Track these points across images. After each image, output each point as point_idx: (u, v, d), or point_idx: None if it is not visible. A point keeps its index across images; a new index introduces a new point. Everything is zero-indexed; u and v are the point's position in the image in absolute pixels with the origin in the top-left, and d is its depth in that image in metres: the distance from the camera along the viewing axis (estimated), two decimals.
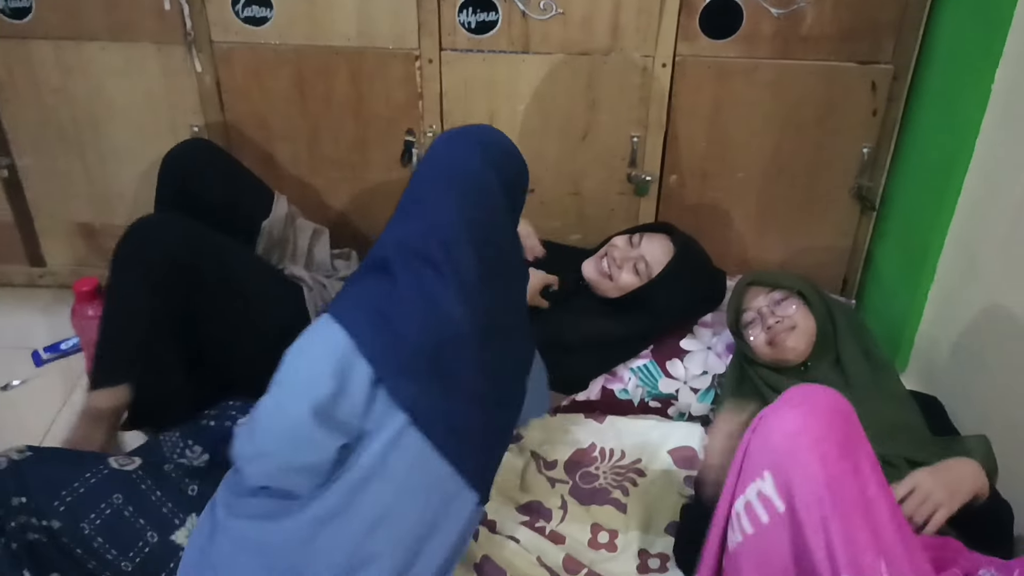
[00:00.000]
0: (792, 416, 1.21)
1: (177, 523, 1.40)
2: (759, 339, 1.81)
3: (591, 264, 2.05)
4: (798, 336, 1.76)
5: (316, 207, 2.31)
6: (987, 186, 1.85)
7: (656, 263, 1.97)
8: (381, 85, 2.14)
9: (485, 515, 1.65)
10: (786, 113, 2.15)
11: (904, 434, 1.64)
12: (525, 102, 2.15)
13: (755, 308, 1.83)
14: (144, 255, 1.64)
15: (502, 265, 1.40)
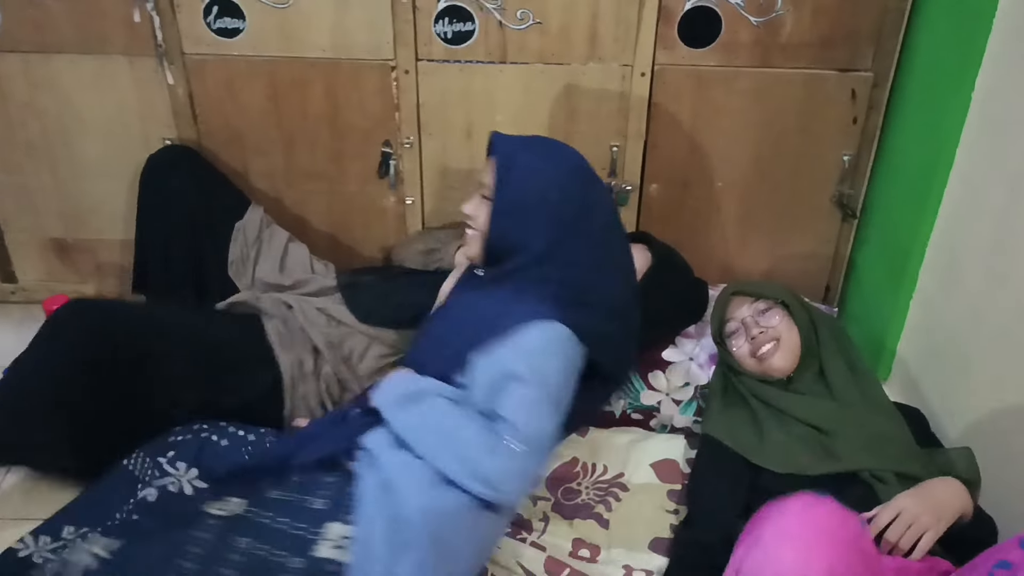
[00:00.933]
0: (790, 553, 1.13)
1: (313, 538, 1.37)
2: (742, 349, 1.79)
3: None
4: (784, 353, 1.75)
5: (292, 220, 2.28)
6: (968, 194, 1.83)
7: (636, 273, 1.95)
8: (357, 96, 2.11)
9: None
10: (766, 121, 2.14)
11: (891, 446, 1.62)
12: (503, 113, 2.13)
13: (738, 318, 1.81)
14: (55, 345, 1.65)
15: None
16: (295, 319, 1.89)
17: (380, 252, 2.33)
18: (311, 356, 1.87)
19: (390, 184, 2.22)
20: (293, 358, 1.84)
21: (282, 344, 1.85)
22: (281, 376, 1.82)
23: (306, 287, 2.02)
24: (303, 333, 1.88)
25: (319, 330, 1.88)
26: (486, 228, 1.58)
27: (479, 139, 2.16)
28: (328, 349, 1.87)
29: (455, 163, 2.20)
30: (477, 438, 1.39)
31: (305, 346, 1.87)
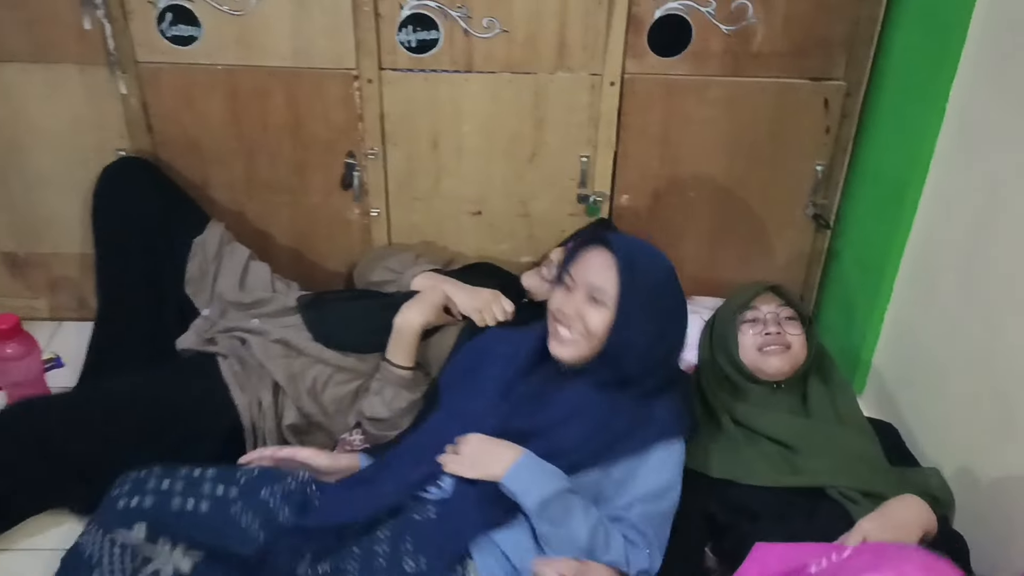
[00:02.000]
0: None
1: None
2: (751, 339, 1.74)
3: (531, 275, 1.99)
4: (786, 360, 1.71)
5: (254, 233, 2.21)
6: (943, 206, 1.80)
7: None
8: (319, 106, 2.05)
9: None
10: (738, 131, 2.10)
11: (859, 465, 1.59)
12: (470, 123, 2.07)
13: (764, 311, 1.77)
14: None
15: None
16: (252, 356, 1.83)
17: (345, 266, 2.27)
18: (270, 392, 1.80)
19: (354, 196, 2.16)
20: (251, 398, 1.78)
21: (239, 385, 1.79)
22: (239, 420, 1.77)
23: (267, 306, 1.94)
24: (261, 369, 1.81)
25: (277, 363, 1.82)
26: (602, 334, 1.47)
27: (445, 149, 2.10)
28: (289, 383, 1.81)
29: (421, 174, 2.15)
30: (617, 551, 1.41)
31: (263, 382, 1.81)
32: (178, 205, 2.03)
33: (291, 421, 1.83)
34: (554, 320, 1.52)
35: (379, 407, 1.80)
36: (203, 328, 1.91)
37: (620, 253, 1.47)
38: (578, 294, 1.49)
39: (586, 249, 1.52)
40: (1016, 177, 1.56)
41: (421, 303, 1.85)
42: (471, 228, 2.22)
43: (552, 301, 1.54)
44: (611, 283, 1.46)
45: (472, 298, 1.90)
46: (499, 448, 1.45)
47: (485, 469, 1.44)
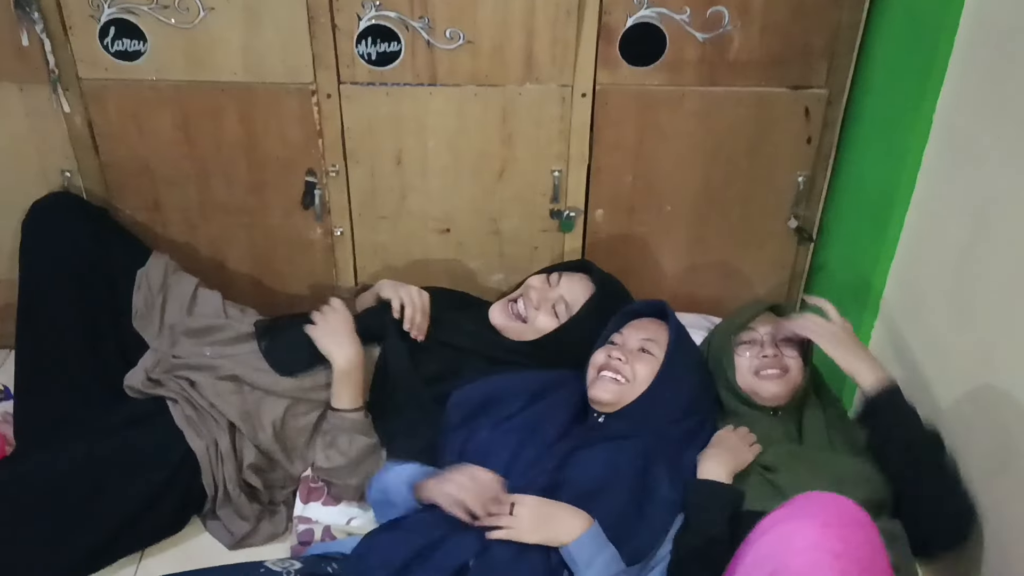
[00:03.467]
0: (810, 528, 1.14)
1: None
2: (748, 361, 1.67)
3: (499, 309, 1.86)
4: (784, 385, 1.63)
5: (211, 256, 2.11)
6: (931, 222, 1.72)
7: (576, 303, 1.81)
8: (275, 123, 1.94)
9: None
10: (715, 142, 2.01)
11: (847, 487, 1.50)
12: (435, 138, 1.97)
13: (762, 332, 1.70)
14: None
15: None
16: (202, 397, 1.72)
17: (308, 288, 2.16)
18: (226, 433, 1.70)
19: (316, 215, 2.05)
20: (207, 442, 1.69)
21: (193, 430, 1.69)
22: (198, 467, 1.68)
23: (220, 333, 1.84)
24: (213, 409, 1.72)
25: (229, 401, 1.72)
26: (646, 382, 1.61)
27: (410, 166, 2.01)
28: (244, 421, 1.71)
29: (385, 192, 2.04)
30: None
31: (219, 424, 1.71)
32: (116, 238, 1.92)
33: (251, 461, 1.74)
34: (599, 369, 1.63)
35: (335, 457, 1.69)
36: (151, 364, 1.80)
37: (671, 317, 1.69)
38: (628, 346, 1.65)
39: (636, 317, 1.73)
40: (1009, 191, 1.48)
41: (342, 333, 1.71)
42: (440, 247, 2.12)
43: (597, 356, 1.66)
44: (662, 339, 1.65)
45: (397, 288, 1.82)
46: (563, 512, 1.41)
47: (548, 534, 1.38)
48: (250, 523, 1.73)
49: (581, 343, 1.76)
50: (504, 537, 1.37)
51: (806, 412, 1.66)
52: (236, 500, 1.72)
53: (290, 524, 1.76)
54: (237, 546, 1.73)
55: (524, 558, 1.37)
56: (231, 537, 1.73)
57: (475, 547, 1.37)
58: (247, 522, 1.73)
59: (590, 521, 1.39)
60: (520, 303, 1.83)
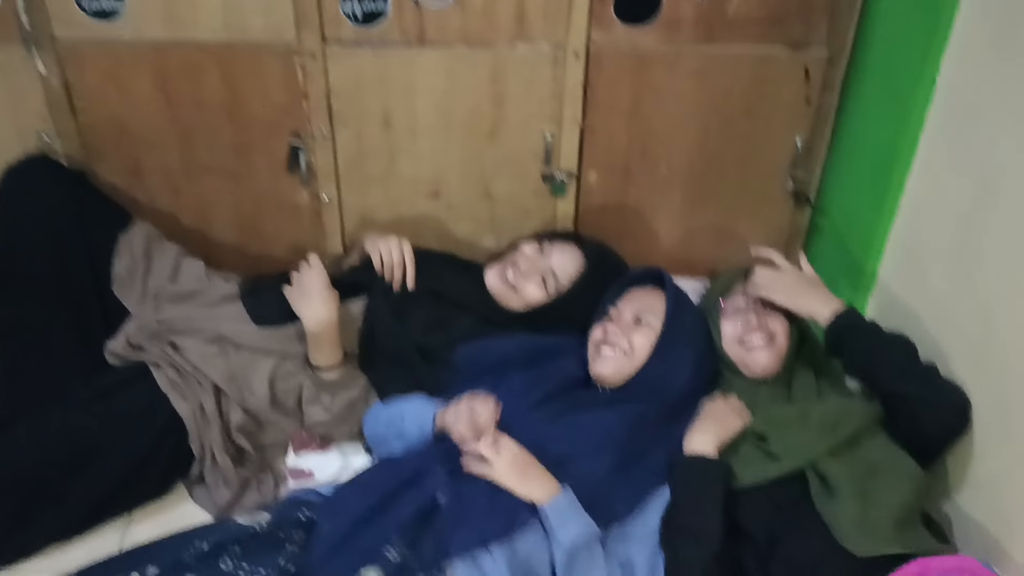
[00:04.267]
0: None
1: None
2: (731, 330, 1.64)
3: (495, 274, 1.83)
4: (771, 354, 1.60)
5: (195, 219, 2.06)
6: (932, 185, 1.68)
7: (566, 277, 1.78)
8: (258, 84, 1.88)
9: None
10: (712, 103, 1.95)
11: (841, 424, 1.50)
12: (424, 100, 1.91)
13: (743, 299, 1.67)
14: None
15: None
16: (186, 360, 1.69)
17: (295, 254, 2.09)
18: (211, 396, 1.68)
19: (302, 179, 2.00)
20: (193, 405, 1.66)
21: (179, 393, 1.67)
22: (184, 431, 1.65)
23: (206, 296, 1.81)
24: (197, 372, 1.69)
25: (214, 364, 1.69)
26: (644, 354, 1.59)
27: (399, 129, 1.95)
28: (229, 383, 1.68)
29: (373, 155, 1.99)
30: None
31: (203, 387, 1.68)
32: (96, 202, 1.86)
33: (238, 422, 1.72)
34: (598, 344, 1.62)
35: (319, 413, 1.71)
36: (134, 330, 1.76)
37: (669, 284, 1.65)
38: (624, 318, 1.63)
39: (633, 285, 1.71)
40: (1016, 155, 1.43)
41: (314, 293, 1.69)
42: (430, 211, 2.08)
43: (595, 331, 1.65)
44: (659, 308, 1.62)
45: (378, 241, 1.82)
46: (540, 470, 1.43)
47: (519, 483, 1.39)
48: (233, 489, 1.71)
49: (572, 318, 1.74)
50: (478, 470, 1.40)
51: (796, 369, 1.63)
52: (223, 464, 1.70)
53: (278, 492, 1.74)
54: (222, 514, 1.70)
55: (496, 502, 1.38)
56: (215, 506, 1.70)
57: (447, 484, 1.40)
58: (230, 488, 1.71)
59: (560, 489, 1.41)
60: (510, 272, 1.80)
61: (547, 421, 1.53)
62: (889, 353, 1.52)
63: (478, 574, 1.32)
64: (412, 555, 1.32)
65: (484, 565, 1.33)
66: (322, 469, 1.70)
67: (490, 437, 1.42)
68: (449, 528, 1.34)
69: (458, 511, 1.37)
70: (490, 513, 1.36)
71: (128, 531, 1.69)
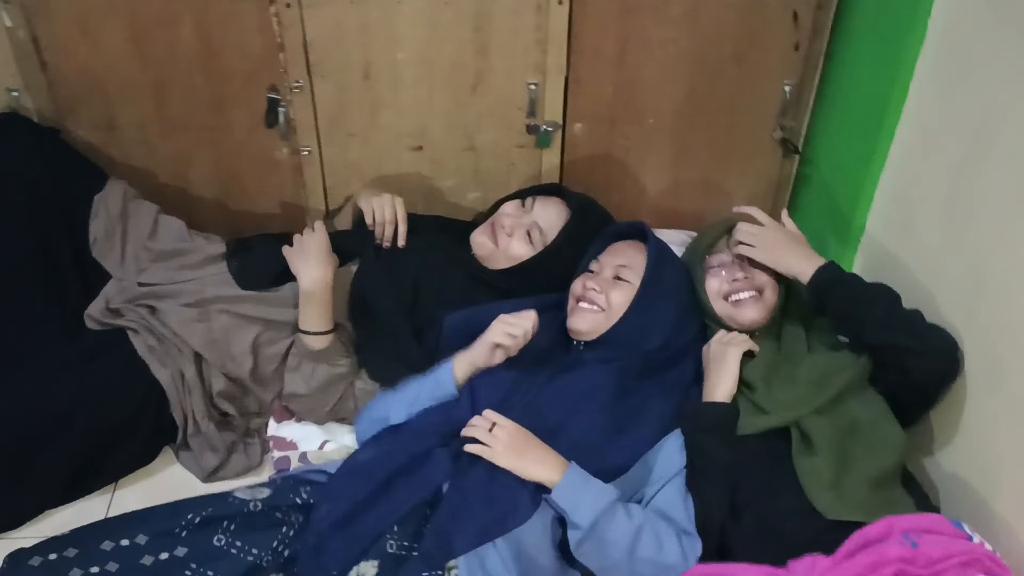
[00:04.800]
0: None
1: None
2: (716, 287, 1.62)
3: (479, 234, 1.81)
4: (759, 308, 1.58)
5: (173, 176, 2.01)
6: (923, 135, 1.65)
7: (551, 229, 1.76)
8: (234, 35, 1.83)
9: None
10: (700, 51, 1.91)
11: (833, 377, 1.50)
12: (405, 50, 1.86)
13: (727, 251, 1.65)
14: None
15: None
16: (164, 325, 1.66)
17: (276, 210, 2.08)
18: (191, 362, 1.65)
19: (281, 134, 1.95)
20: (172, 371, 1.64)
21: (157, 360, 1.64)
22: (165, 397, 1.63)
23: (189, 256, 1.78)
24: (176, 337, 1.66)
25: (193, 329, 1.66)
26: (621, 310, 1.56)
27: (379, 80, 1.90)
28: (209, 349, 1.66)
29: (354, 108, 1.94)
30: (672, 549, 1.35)
31: (183, 353, 1.66)
32: (70, 161, 1.82)
33: (221, 388, 1.70)
34: (577, 299, 1.60)
35: (298, 383, 1.67)
36: (113, 293, 1.73)
37: (650, 238, 1.60)
38: (604, 274, 1.60)
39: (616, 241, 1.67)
40: (1010, 104, 1.40)
41: (314, 254, 1.66)
42: (413, 164, 2.03)
43: (576, 286, 1.62)
44: (640, 263, 1.58)
45: (371, 198, 1.78)
46: (539, 449, 1.38)
47: (520, 463, 1.35)
48: (219, 455, 1.69)
49: (559, 271, 1.71)
50: (478, 452, 1.36)
51: (785, 323, 1.61)
52: (206, 431, 1.68)
53: (265, 456, 1.73)
54: (209, 479, 1.70)
55: (498, 492, 1.35)
56: (201, 470, 1.69)
57: (450, 471, 1.37)
58: (216, 454, 1.69)
59: (566, 464, 1.37)
60: (495, 230, 1.77)
61: (536, 390, 1.51)
62: (873, 304, 1.50)
63: (480, 568, 1.30)
64: (412, 548, 1.30)
65: (487, 559, 1.30)
66: (305, 440, 1.68)
67: (485, 421, 1.39)
68: (451, 522, 1.31)
69: (460, 502, 1.33)
70: (492, 504, 1.32)
71: (116, 497, 1.68)
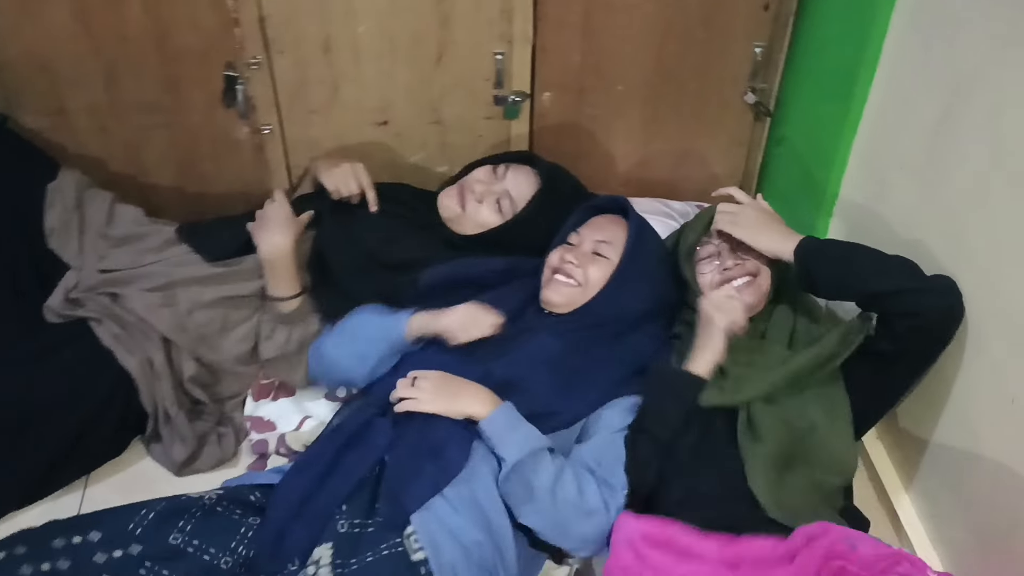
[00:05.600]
0: None
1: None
2: (710, 277, 1.58)
3: (447, 196, 1.77)
4: (755, 292, 1.55)
5: (128, 161, 1.94)
6: (898, 99, 1.63)
7: (521, 199, 1.72)
8: (184, 11, 1.75)
9: None
10: (668, 14, 1.87)
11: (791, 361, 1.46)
12: (365, 22, 1.80)
13: (716, 242, 1.61)
14: None
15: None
16: (129, 312, 1.60)
17: (239, 189, 2.01)
18: (160, 349, 1.60)
19: (240, 112, 1.88)
20: (141, 358, 1.59)
21: (124, 348, 1.59)
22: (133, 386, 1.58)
23: (149, 240, 1.72)
24: (143, 323, 1.61)
25: (160, 315, 1.61)
26: (598, 286, 1.53)
27: (340, 54, 1.84)
28: (177, 333, 1.60)
29: (315, 83, 1.88)
30: (592, 497, 1.34)
31: (150, 339, 1.61)
32: (19, 150, 1.75)
33: (191, 374, 1.66)
34: (553, 271, 1.56)
35: (274, 349, 1.64)
36: (72, 283, 1.67)
37: (632, 215, 1.58)
38: (583, 248, 1.56)
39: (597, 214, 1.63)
40: (985, 61, 1.38)
41: (275, 222, 1.63)
42: (378, 140, 1.98)
43: (552, 257, 1.58)
44: (620, 240, 1.55)
45: (332, 170, 1.75)
46: (467, 386, 1.40)
47: (450, 403, 1.36)
48: (189, 445, 1.65)
49: (525, 241, 1.69)
50: (408, 408, 1.37)
51: (777, 307, 1.59)
52: (175, 419, 1.63)
53: (239, 448, 1.69)
54: (182, 472, 1.65)
55: (436, 441, 1.35)
56: (172, 463, 1.65)
57: (391, 436, 1.38)
58: (186, 444, 1.65)
59: (499, 401, 1.39)
60: (464, 195, 1.74)
61: (493, 352, 1.50)
62: (861, 259, 1.46)
63: (436, 522, 1.28)
64: (367, 522, 1.28)
65: (440, 512, 1.29)
66: (283, 419, 1.65)
67: (407, 379, 1.40)
68: (398, 483, 1.31)
69: (403, 462, 1.33)
70: (432, 456, 1.33)
71: (87, 495, 1.63)
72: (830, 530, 1.18)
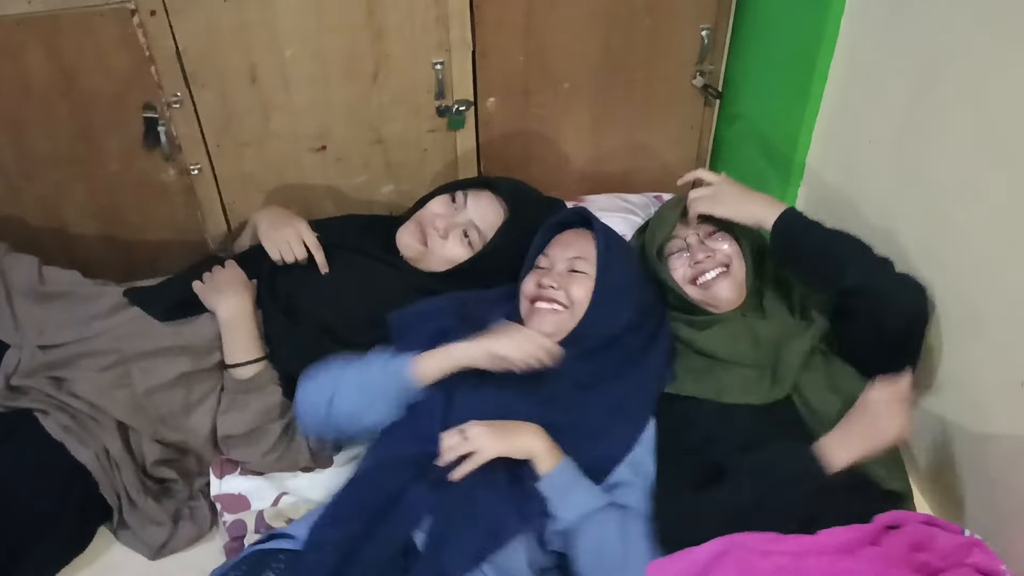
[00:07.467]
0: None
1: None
2: (681, 273, 1.52)
3: (407, 235, 1.64)
4: (731, 283, 1.49)
5: (45, 219, 1.79)
6: (862, 76, 1.57)
7: (489, 228, 1.62)
8: (92, 55, 1.59)
9: None
10: (608, 5, 1.79)
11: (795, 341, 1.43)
12: (292, 46, 1.67)
13: (683, 236, 1.54)
14: None
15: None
16: (77, 399, 1.46)
17: (173, 234, 1.86)
18: (116, 435, 1.46)
19: (164, 154, 1.74)
20: (96, 448, 1.45)
21: (76, 439, 1.44)
22: (91, 479, 1.44)
23: (96, 303, 1.57)
24: (94, 409, 1.46)
25: (114, 398, 1.47)
26: (584, 303, 1.45)
27: (268, 81, 1.71)
28: (135, 416, 1.46)
29: (244, 115, 1.74)
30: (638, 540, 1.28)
31: (103, 426, 1.46)
32: None
33: (156, 457, 1.52)
34: (532, 300, 1.47)
35: (231, 424, 1.49)
36: (13, 366, 1.51)
37: (596, 225, 1.50)
38: (557, 268, 1.48)
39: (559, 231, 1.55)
40: (958, 35, 1.33)
41: (230, 284, 1.54)
42: (317, 167, 1.85)
43: (527, 286, 1.50)
44: (590, 252, 1.48)
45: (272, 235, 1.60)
46: (513, 424, 1.32)
47: (513, 442, 1.29)
48: (166, 527, 1.52)
49: (500, 270, 1.59)
50: (472, 466, 1.26)
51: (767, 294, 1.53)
52: (143, 507, 1.50)
53: (215, 519, 1.56)
54: (158, 555, 1.52)
55: (481, 504, 1.25)
56: (148, 548, 1.51)
57: (426, 507, 1.26)
58: (162, 527, 1.52)
59: (551, 443, 1.31)
60: (426, 231, 1.62)
61: (496, 398, 1.39)
62: (848, 249, 1.42)
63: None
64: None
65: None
66: (256, 494, 1.52)
67: (451, 437, 1.28)
68: (440, 551, 1.20)
69: (446, 529, 1.22)
70: (480, 523, 1.23)
71: None
72: (909, 518, 1.17)
